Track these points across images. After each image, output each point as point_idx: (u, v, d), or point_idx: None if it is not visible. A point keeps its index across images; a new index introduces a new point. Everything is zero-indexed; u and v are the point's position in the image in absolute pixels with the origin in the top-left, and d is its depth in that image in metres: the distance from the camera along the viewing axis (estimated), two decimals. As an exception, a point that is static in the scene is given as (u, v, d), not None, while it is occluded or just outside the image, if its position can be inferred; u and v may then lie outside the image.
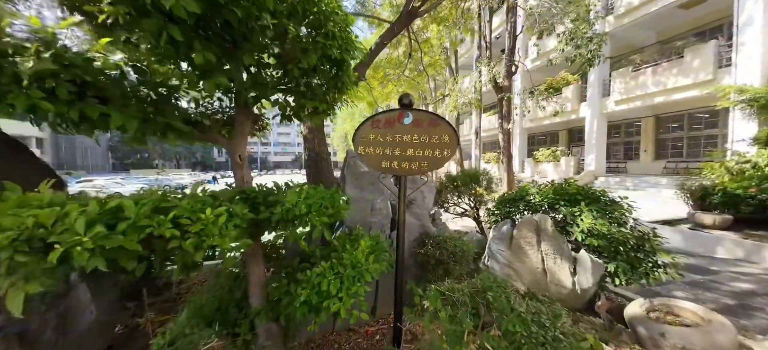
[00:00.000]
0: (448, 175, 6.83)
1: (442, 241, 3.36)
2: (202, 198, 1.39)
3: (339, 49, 1.88)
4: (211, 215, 1.32)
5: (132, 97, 1.52)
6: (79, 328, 1.97)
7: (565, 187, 4.03)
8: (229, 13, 1.29)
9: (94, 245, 0.99)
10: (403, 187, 2.12)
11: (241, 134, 2.06)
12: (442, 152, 2.05)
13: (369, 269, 1.92)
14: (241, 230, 1.50)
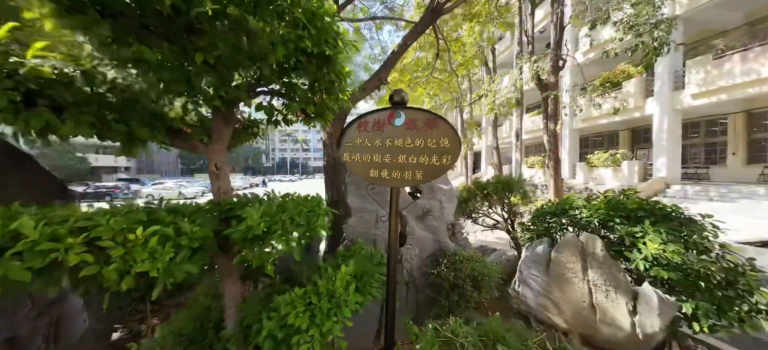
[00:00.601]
0: (476, 181, 6.19)
1: (459, 261, 2.89)
2: (136, 216, 1.23)
3: (313, 42, 1.63)
4: (141, 236, 1.14)
5: (89, 104, 1.44)
6: (72, 336, 2.00)
7: (622, 200, 3.26)
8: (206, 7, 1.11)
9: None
10: (395, 200, 1.78)
11: (217, 140, 1.91)
12: (441, 158, 1.67)
13: (349, 301, 1.60)
14: (187, 251, 1.31)
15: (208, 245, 1.52)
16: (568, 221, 3.59)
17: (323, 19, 1.64)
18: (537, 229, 3.86)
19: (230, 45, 1.42)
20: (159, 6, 1.10)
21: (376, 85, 6.51)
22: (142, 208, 1.41)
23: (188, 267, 1.29)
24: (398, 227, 1.83)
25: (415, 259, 3.12)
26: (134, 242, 1.13)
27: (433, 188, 3.92)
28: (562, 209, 3.75)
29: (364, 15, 8.70)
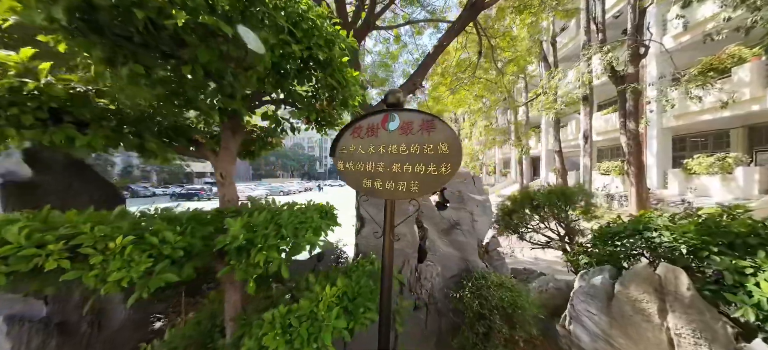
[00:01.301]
0: (523, 191, 5.45)
1: (486, 287, 2.48)
2: (119, 224, 1.28)
3: (303, 46, 1.56)
4: (119, 245, 1.18)
5: (107, 119, 1.60)
6: (112, 325, 2.28)
7: (725, 221, 2.44)
8: (178, 22, 1.14)
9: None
10: (389, 215, 1.57)
11: (225, 149, 1.98)
12: (439, 167, 1.41)
13: (331, 326, 1.45)
14: (167, 260, 1.33)
15: (199, 253, 1.54)
16: (643, 246, 2.83)
17: (310, 22, 1.55)
18: (599, 253, 3.14)
19: (215, 55, 1.43)
20: (135, 21, 1.13)
21: (410, 89, 6.33)
22: (137, 215, 1.49)
23: (167, 276, 1.30)
24: (393, 246, 1.61)
25: (437, 278, 2.81)
26: (112, 251, 1.17)
27: (463, 197, 3.53)
28: (634, 228, 2.99)
29: (405, 21, 8.59)
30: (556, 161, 20.50)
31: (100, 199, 2.39)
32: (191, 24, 1.24)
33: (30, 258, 1.05)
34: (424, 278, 2.76)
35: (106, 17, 1.15)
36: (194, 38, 1.33)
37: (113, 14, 1.15)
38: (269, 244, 1.47)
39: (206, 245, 1.55)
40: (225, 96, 1.70)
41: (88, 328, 2.14)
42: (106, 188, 2.51)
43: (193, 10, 1.20)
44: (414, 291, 2.71)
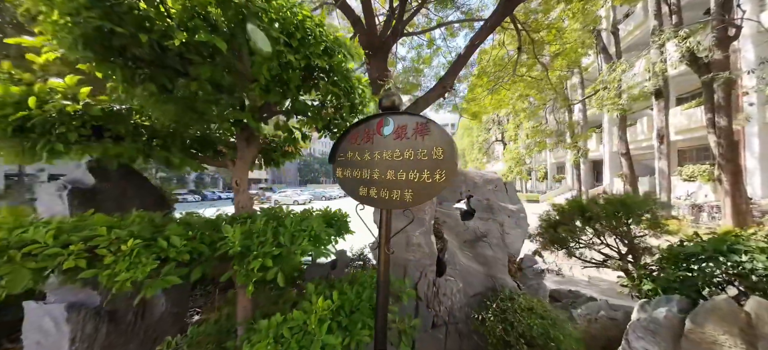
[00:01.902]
0: (573, 200, 4.79)
1: (512, 310, 2.18)
2: (132, 228, 1.41)
3: (300, 55, 1.57)
4: (128, 247, 1.30)
5: (140, 133, 1.81)
6: (154, 316, 2.55)
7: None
8: (175, 41, 1.26)
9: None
10: (385, 225, 1.47)
11: (241, 159, 2.09)
12: (433, 174, 1.27)
13: (320, 341, 1.39)
14: (173, 263, 1.42)
15: (207, 258, 1.63)
16: (729, 272, 2.24)
17: (305, 31, 1.56)
18: (667, 278, 2.57)
19: (218, 70, 1.52)
20: (141, 44, 1.25)
21: (440, 92, 6.10)
22: (157, 219, 1.63)
23: (171, 279, 1.39)
24: (389, 259, 1.50)
25: (458, 295, 2.58)
26: (123, 252, 1.29)
27: (492, 206, 3.23)
28: (716, 249, 2.38)
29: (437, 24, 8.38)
30: (623, 164, 17.98)
31: (148, 203, 2.74)
32: (193, 43, 1.32)
33: (54, 257, 1.21)
34: (442, 294, 2.56)
35: (119, 43, 1.29)
36: (198, 57, 1.42)
37: (125, 39, 1.28)
38: (264, 251, 1.48)
39: (214, 250, 1.63)
40: (234, 108, 1.80)
41: (133, 318, 2.44)
42: (154, 194, 2.88)
43: (192, 30, 1.29)
44: (431, 307, 2.53)
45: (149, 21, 1.26)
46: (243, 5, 1.35)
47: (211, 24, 1.37)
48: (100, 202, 2.36)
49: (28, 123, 1.41)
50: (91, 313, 2.12)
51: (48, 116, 1.43)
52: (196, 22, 1.31)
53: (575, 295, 3.50)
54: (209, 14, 1.33)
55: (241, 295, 1.95)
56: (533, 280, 2.99)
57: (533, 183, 37.78)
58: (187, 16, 1.28)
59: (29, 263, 1.17)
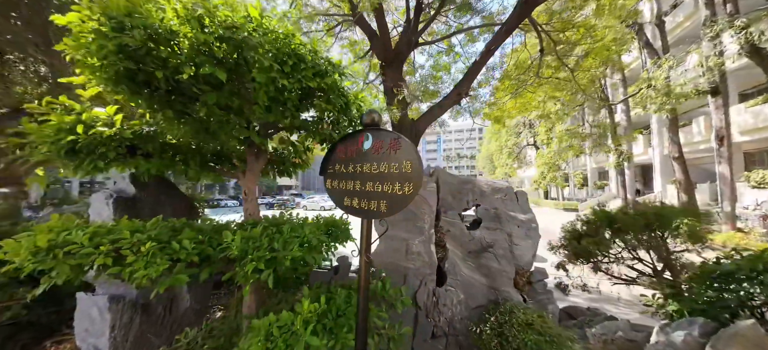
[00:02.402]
0: (600, 210, 4.45)
1: (508, 324, 2.12)
2: (151, 232, 1.65)
3: (293, 79, 1.74)
4: (146, 249, 1.53)
5: (165, 151, 2.10)
6: (180, 310, 2.86)
7: None
8: (185, 74, 1.50)
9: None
10: (365, 234, 1.55)
11: (250, 171, 2.32)
12: (403, 187, 1.34)
13: (303, 341, 1.50)
14: (183, 264, 1.64)
15: (216, 260, 1.84)
16: (765, 295, 1.98)
17: (296, 57, 1.72)
18: (694, 299, 2.33)
19: (223, 96, 1.74)
20: (158, 78, 1.50)
21: (455, 99, 6.06)
22: (176, 224, 1.88)
23: (181, 278, 1.60)
24: (368, 266, 1.57)
25: (459, 307, 2.56)
26: (142, 253, 1.52)
27: (499, 216, 3.15)
28: (753, 268, 2.12)
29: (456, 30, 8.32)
30: (676, 169, 16.25)
31: (178, 209, 3.11)
32: (201, 74, 1.55)
33: (89, 255, 1.47)
34: (443, 304, 2.56)
35: (142, 78, 1.55)
36: (206, 86, 1.65)
37: (146, 75, 1.54)
38: (259, 255, 1.65)
39: (221, 253, 1.84)
40: (242, 127, 2.02)
41: (162, 311, 2.76)
42: (184, 201, 3.25)
43: (198, 64, 1.51)
44: (431, 317, 2.54)
45: (164, 59, 1.51)
46: (241, 41, 1.55)
47: (217, 58, 1.59)
48: (138, 208, 2.74)
49: (76, 145, 1.73)
50: (128, 305, 2.46)
51: (92, 139, 1.75)
52: (202, 57, 1.53)
53: (594, 313, 3.25)
54: (213, 50, 1.54)
55: (247, 295, 2.15)
56: (543, 295, 2.84)
57: (572, 190, 35.10)
58: (194, 53, 1.51)
59: (70, 260, 1.44)
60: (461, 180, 3.63)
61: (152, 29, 1.42)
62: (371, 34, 6.52)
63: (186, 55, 1.51)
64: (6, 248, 1.46)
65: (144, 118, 1.97)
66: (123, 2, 1.36)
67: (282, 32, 1.73)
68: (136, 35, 1.35)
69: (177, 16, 1.51)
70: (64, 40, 1.44)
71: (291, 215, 2.41)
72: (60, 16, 1.43)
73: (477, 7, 8.48)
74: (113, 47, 1.38)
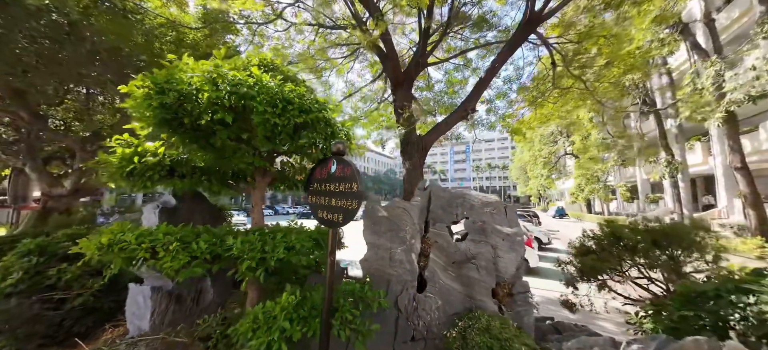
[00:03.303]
0: (610, 226, 4.33)
1: (469, 329, 2.31)
2: (179, 234, 2.19)
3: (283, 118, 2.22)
4: (173, 248, 2.07)
5: (196, 173, 2.70)
6: (206, 301, 3.45)
7: None
8: (204, 120, 2.08)
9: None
10: (332, 240, 1.93)
11: (258, 188, 2.85)
12: (350, 202, 1.71)
13: (279, 325, 1.90)
14: (199, 260, 2.15)
15: (224, 258, 2.34)
16: (736, 315, 1.96)
17: (284, 102, 2.21)
18: (669, 317, 2.33)
19: (234, 132, 2.28)
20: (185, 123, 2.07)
21: (462, 115, 6.27)
22: (200, 229, 2.43)
23: (196, 270, 2.12)
24: (334, 268, 1.93)
25: (437, 313, 2.78)
26: (170, 251, 2.06)
27: (485, 229, 3.32)
28: (726, 288, 2.10)
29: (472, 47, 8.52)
30: (739, 181, 14.47)
31: (207, 216, 3.78)
32: (216, 118, 2.09)
33: (135, 251, 2.04)
34: (422, 309, 2.81)
35: (176, 122, 2.15)
36: (220, 125, 2.20)
37: (178, 120, 2.13)
38: (252, 255, 2.11)
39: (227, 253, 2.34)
40: (249, 154, 2.56)
41: (191, 302, 3.36)
42: (213, 210, 3.92)
43: (214, 112, 2.05)
44: (410, 321, 2.80)
45: (190, 110, 2.08)
46: (243, 94, 2.07)
47: (226, 106, 2.13)
48: (177, 216, 3.42)
49: (133, 170, 2.38)
50: (165, 294, 3.09)
51: (143, 166, 2.38)
52: (215, 107, 2.08)
53: (581, 329, 3.21)
54: (223, 101, 2.08)
55: (249, 288, 2.63)
56: (521, 307, 2.92)
57: (619, 204, 31.87)
58: (210, 104, 2.06)
59: (122, 254, 2.02)
60: (453, 194, 3.85)
61: (181, 91, 2.00)
62: (383, 57, 7.05)
63: (204, 105, 2.07)
64: (81, 244, 2.09)
65: (179, 149, 2.60)
66: (162, 75, 1.96)
67: (275, 84, 2.24)
68: (171, 96, 1.93)
69: (198, 81, 2.08)
70: (127, 101, 2.08)
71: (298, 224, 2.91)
72: (123, 86, 2.09)
73: (492, 21, 8.64)
74: (156, 104, 1.98)
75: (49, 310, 3.46)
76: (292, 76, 3.05)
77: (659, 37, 13.54)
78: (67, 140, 8.12)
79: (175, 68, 2.11)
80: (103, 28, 5.02)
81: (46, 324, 3.38)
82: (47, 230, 5.50)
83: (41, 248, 3.82)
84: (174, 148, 2.62)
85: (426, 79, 10.81)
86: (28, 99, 6.48)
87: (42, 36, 5.13)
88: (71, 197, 8.50)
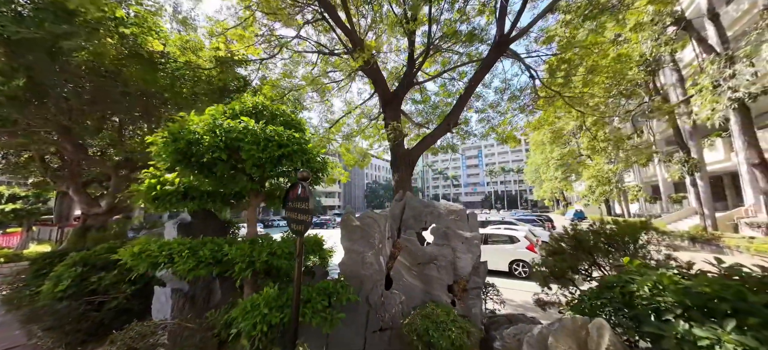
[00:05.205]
0: (574, 230, 4.65)
1: (416, 316, 2.82)
2: (189, 244, 2.87)
3: (266, 153, 2.88)
4: (184, 255, 2.74)
5: (202, 196, 3.41)
6: (215, 299, 4.13)
7: (699, 279, 1.95)
8: (206, 157, 2.78)
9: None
10: (299, 247, 2.53)
11: (251, 206, 3.52)
12: (307, 217, 2.31)
13: (259, 312, 2.51)
14: (204, 263, 2.81)
15: (224, 262, 3.00)
16: (621, 302, 2.37)
17: (264, 141, 2.86)
18: (580, 306, 2.76)
19: (229, 164, 2.96)
20: (192, 162, 2.77)
21: (445, 130, 6.78)
22: (205, 239, 3.10)
23: (201, 271, 2.78)
24: (301, 270, 2.51)
25: (400, 306, 3.30)
26: (182, 256, 2.74)
27: (448, 234, 3.81)
28: (619, 281, 2.52)
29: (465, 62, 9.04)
30: (758, 178, 14.01)
31: (216, 230, 4.50)
32: (216, 155, 2.78)
33: (157, 257, 2.73)
34: (388, 304, 3.34)
35: (187, 159, 2.86)
36: (219, 159, 2.88)
37: (188, 158, 2.84)
38: (242, 259, 2.74)
39: (225, 258, 2.99)
40: (242, 180, 3.24)
41: (203, 301, 4.04)
42: (221, 225, 4.65)
43: (213, 151, 2.74)
44: (379, 314, 3.33)
45: (195, 152, 2.78)
46: (234, 138, 2.76)
47: (222, 147, 2.81)
48: (193, 230, 4.16)
49: (157, 195, 3.11)
50: (182, 295, 3.79)
51: (164, 192, 3.11)
52: (214, 147, 2.77)
53: (531, 320, 3.58)
54: (219, 144, 2.77)
55: (246, 286, 3.26)
56: (472, 300, 3.37)
57: (641, 205, 30.57)
58: (210, 146, 2.75)
59: (148, 259, 2.72)
60: (424, 204, 4.38)
61: (189, 139, 2.71)
62: (374, 80, 7.74)
63: (205, 148, 2.76)
64: (120, 253, 2.81)
65: (190, 178, 3.33)
66: (176, 127, 2.69)
67: (259, 127, 2.91)
68: (182, 143, 2.64)
69: (201, 130, 2.79)
70: (151, 148, 2.82)
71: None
72: (149, 136, 2.83)
73: (482, 37, 9.16)
74: (172, 148, 2.70)
75: (91, 311, 4.26)
76: (280, 112, 3.72)
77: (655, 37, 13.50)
78: (103, 165, 9.32)
79: (185, 121, 2.85)
80: (134, 74, 6.02)
81: (90, 322, 4.15)
82: (87, 245, 6.47)
83: (84, 259, 4.66)
84: (186, 177, 3.35)
85: (422, 92, 11.43)
86: (73, 133, 7.65)
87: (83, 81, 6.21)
88: (106, 215, 9.66)
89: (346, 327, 3.16)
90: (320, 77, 9.39)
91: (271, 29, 7.81)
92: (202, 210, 4.26)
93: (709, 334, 1.63)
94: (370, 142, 12.29)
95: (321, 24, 8.11)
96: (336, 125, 9.69)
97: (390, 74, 10.14)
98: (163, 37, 7.06)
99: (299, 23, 7.35)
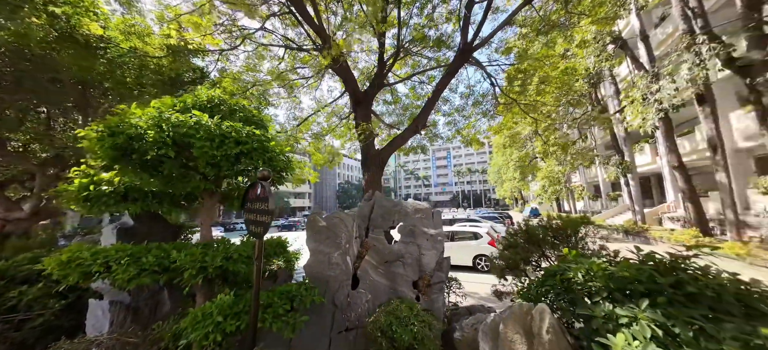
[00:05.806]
0: (526, 225, 5.03)
1: (381, 312, 2.85)
2: (130, 251, 2.59)
3: (221, 150, 2.69)
4: (124, 262, 2.46)
5: (148, 197, 3.09)
6: (162, 311, 3.77)
7: (623, 265, 2.22)
8: (151, 154, 2.52)
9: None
10: (259, 248, 2.41)
11: (205, 208, 3.27)
12: (267, 218, 2.22)
13: (213, 320, 2.34)
14: (148, 271, 2.55)
15: (172, 269, 2.75)
16: (562, 288, 2.62)
17: (219, 137, 2.68)
18: (527, 293, 3.00)
19: (178, 163, 2.72)
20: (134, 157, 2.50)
21: (413, 132, 6.94)
22: (151, 245, 2.81)
23: (144, 280, 2.52)
24: (260, 272, 2.40)
25: (367, 305, 3.29)
26: (121, 264, 2.46)
27: (414, 232, 3.90)
28: (558, 270, 2.78)
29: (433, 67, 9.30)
30: (678, 179, 16.11)
31: (165, 234, 4.12)
32: (162, 152, 2.53)
33: (90, 265, 2.42)
34: (354, 303, 3.31)
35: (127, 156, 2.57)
36: (167, 157, 2.63)
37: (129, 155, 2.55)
38: (192, 266, 2.54)
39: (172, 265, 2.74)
40: (195, 179, 2.99)
41: (148, 313, 3.67)
42: (170, 229, 4.26)
43: (159, 148, 2.50)
44: (345, 314, 3.29)
45: (137, 148, 2.52)
46: (183, 134, 2.54)
47: (169, 143, 2.57)
48: (135, 235, 3.75)
49: (89, 195, 2.75)
50: (122, 307, 3.40)
51: (98, 193, 2.76)
52: (160, 144, 2.52)
53: (489, 310, 3.83)
54: (166, 140, 2.53)
55: (198, 293, 3.03)
56: (435, 295, 3.50)
57: (586, 202, 34.14)
58: (155, 142, 2.50)
59: (78, 269, 2.39)
60: (393, 203, 4.43)
61: (129, 134, 2.44)
62: (344, 79, 7.65)
63: (150, 144, 2.51)
64: (45, 262, 2.44)
65: (132, 177, 3.00)
66: (114, 121, 2.40)
67: (213, 122, 2.71)
68: (120, 138, 2.37)
69: (145, 124, 2.52)
70: (83, 142, 2.49)
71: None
72: (81, 129, 2.49)
73: (449, 43, 9.49)
74: (108, 144, 2.40)
75: (10, 331, 3.64)
76: (240, 107, 3.51)
77: (597, 54, 15.13)
78: (26, 163, 8.05)
79: (126, 115, 2.55)
80: (66, 60, 5.27)
81: (8, 344, 3.55)
82: (6, 255, 5.53)
83: (2, 272, 3.98)
84: (126, 176, 3.01)
85: (393, 93, 11.56)
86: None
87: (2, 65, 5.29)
88: (30, 220, 8.35)
89: (310, 329, 3.08)
90: (287, 73, 9.04)
91: (232, 19, 7.34)
92: (147, 213, 3.88)
93: (627, 313, 1.87)
94: (341, 141, 12.13)
95: (288, 17, 7.82)
96: (305, 123, 9.40)
97: (361, 74, 10.10)
98: (103, 19, 6.28)
99: (264, 15, 7.01)
